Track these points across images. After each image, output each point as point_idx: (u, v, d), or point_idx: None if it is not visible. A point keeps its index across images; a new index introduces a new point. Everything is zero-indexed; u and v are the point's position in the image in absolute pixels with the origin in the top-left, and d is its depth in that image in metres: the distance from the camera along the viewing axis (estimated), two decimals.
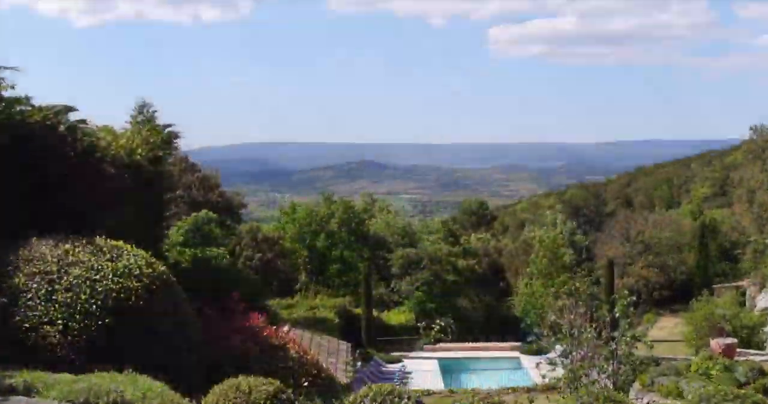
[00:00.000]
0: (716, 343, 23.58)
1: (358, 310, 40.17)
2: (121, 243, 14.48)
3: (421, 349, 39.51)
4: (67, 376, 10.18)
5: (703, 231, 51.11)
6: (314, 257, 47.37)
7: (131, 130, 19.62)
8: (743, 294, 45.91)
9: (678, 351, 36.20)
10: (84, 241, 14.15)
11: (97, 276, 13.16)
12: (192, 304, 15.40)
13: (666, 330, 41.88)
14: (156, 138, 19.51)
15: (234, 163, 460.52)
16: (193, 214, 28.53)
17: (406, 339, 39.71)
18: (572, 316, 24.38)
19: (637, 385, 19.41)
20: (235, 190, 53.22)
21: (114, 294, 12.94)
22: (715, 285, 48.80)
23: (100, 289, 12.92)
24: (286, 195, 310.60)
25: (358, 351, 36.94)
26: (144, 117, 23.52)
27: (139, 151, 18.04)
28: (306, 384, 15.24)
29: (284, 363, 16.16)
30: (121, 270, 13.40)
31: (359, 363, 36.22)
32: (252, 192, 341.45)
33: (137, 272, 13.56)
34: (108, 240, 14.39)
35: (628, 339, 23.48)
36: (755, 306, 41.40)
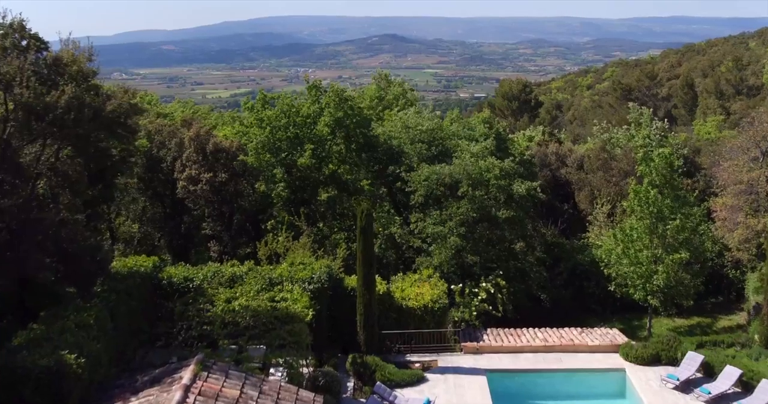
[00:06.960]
0: None
1: (352, 280, 22.63)
2: None
3: (458, 350, 22.45)
4: None
5: None
6: (294, 179, 28.92)
7: None
8: None
9: None
10: None
11: None
12: None
13: None
14: None
15: (256, 37, 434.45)
16: None
17: (433, 332, 22.42)
18: None
19: None
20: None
21: None
22: None
23: None
24: (309, 69, 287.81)
25: (350, 358, 20.25)
26: None
27: None
28: None
29: None
30: None
31: (349, 386, 19.67)
32: (273, 66, 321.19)
33: None
34: None
35: None
36: None
